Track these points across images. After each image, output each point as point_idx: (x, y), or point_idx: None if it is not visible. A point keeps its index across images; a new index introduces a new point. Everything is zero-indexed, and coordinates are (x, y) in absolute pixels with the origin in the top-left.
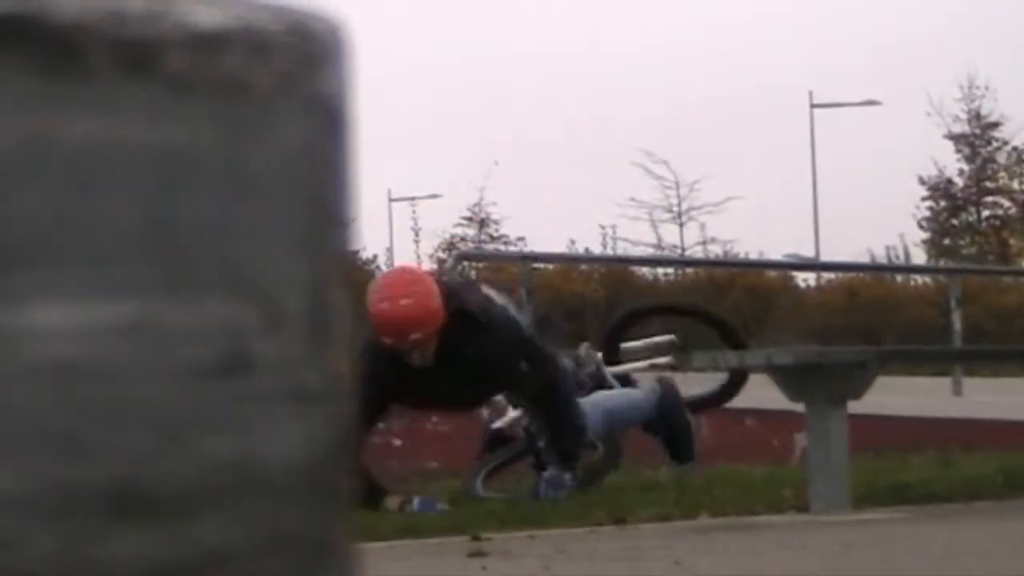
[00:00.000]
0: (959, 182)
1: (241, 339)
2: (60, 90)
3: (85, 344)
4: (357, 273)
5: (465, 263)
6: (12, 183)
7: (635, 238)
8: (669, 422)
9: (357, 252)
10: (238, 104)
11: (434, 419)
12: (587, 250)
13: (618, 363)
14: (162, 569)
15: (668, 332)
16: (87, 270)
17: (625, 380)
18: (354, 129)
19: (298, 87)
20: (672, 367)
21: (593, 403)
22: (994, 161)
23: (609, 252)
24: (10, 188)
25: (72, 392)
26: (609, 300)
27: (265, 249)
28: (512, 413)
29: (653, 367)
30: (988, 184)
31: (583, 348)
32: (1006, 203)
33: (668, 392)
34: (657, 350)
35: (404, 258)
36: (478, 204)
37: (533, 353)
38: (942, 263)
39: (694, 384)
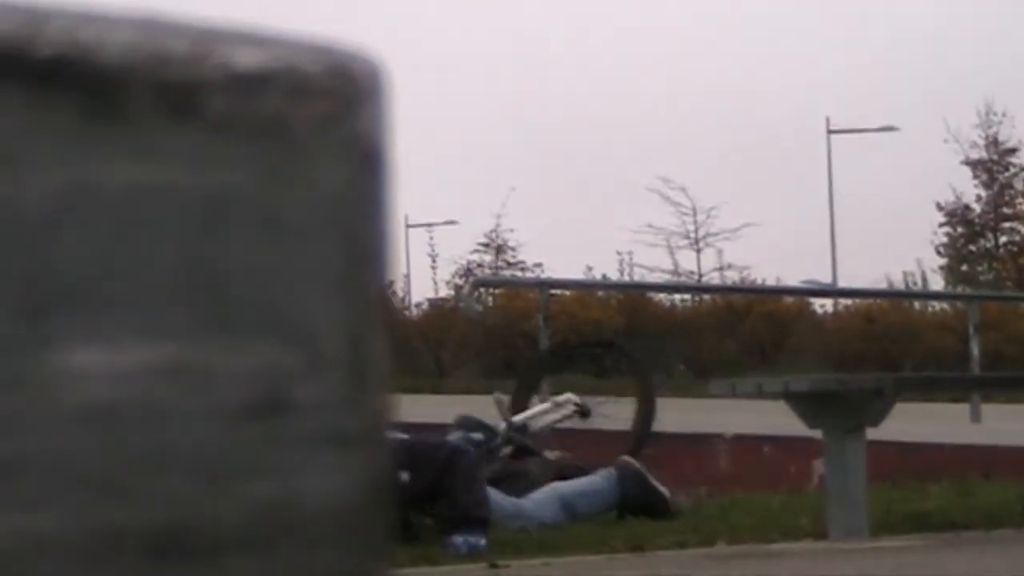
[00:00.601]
0: (976, 208)
1: (280, 382)
2: (103, 134)
3: (125, 387)
4: (394, 314)
5: (482, 289)
6: (55, 228)
7: (652, 264)
8: (641, 499)
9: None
10: (278, 146)
11: None
12: (604, 276)
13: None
14: None
15: (566, 390)
16: (128, 314)
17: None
18: (391, 170)
19: (337, 128)
20: (579, 410)
21: (550, 492)
22: (1011, 187)
23: (626, 278)
24: (53, 233)
25: (112, 435)
26: (627, 327)
27: (304, 291)
28: (542, 406)
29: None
30: (1006, 210)
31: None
32: None
33: (626, 470)
34: (558, 410)
35: (421, 284)
36: (495, 230)
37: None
38: (960, 289)
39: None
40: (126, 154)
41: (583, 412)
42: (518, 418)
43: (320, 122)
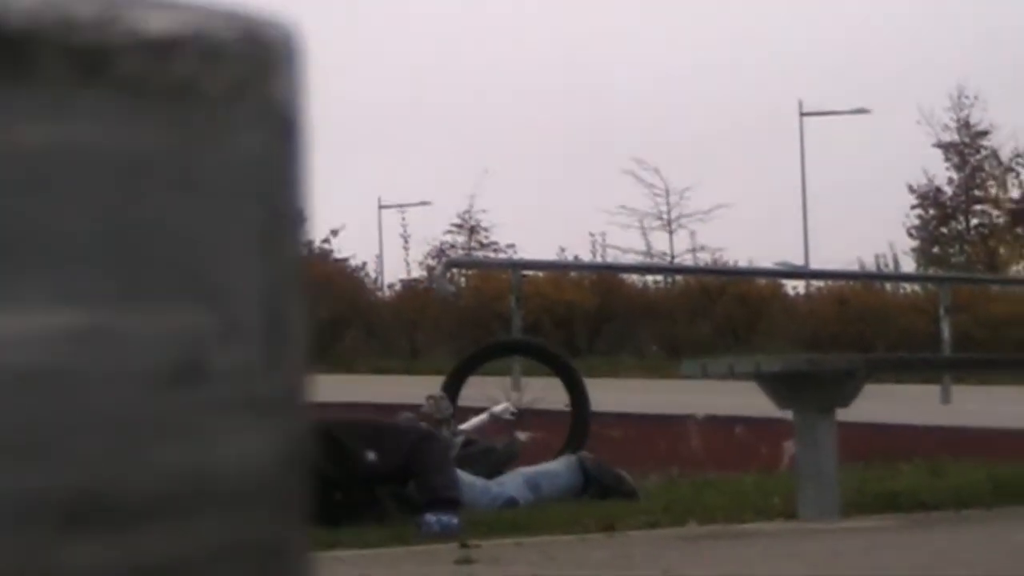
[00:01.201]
0: (948, 191)
1: (196, 347)
2: (11, 95)
3: (38, 352)
4: (310, 277)
5: (455, 270)
6: None
7: (625, 245)
8: (603, 482)
9: (309, 257)
10: (190, 109)
11: None
12: (577, 257)
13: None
14: None
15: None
16: (40, 277)
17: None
18: (307, 136)
19: (250, 93)
20: (513, 415)
21: (515, 474)
22: (982, 170)
23: (599, 260)
24: None
25: (24, 401)
26: (600, 308)
27: (219, 255)
28: (479, 417)
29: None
30: (977, 192)
31: (431, 402)
32: (995, 212)
33: (585, 457)
34: (496, 421)
35: (393, 265)
36: (468, 211)
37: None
38: (931, 271)
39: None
40: (35, 115)
41: (520, 418)
42: (462, 427)
43: (233, 87)
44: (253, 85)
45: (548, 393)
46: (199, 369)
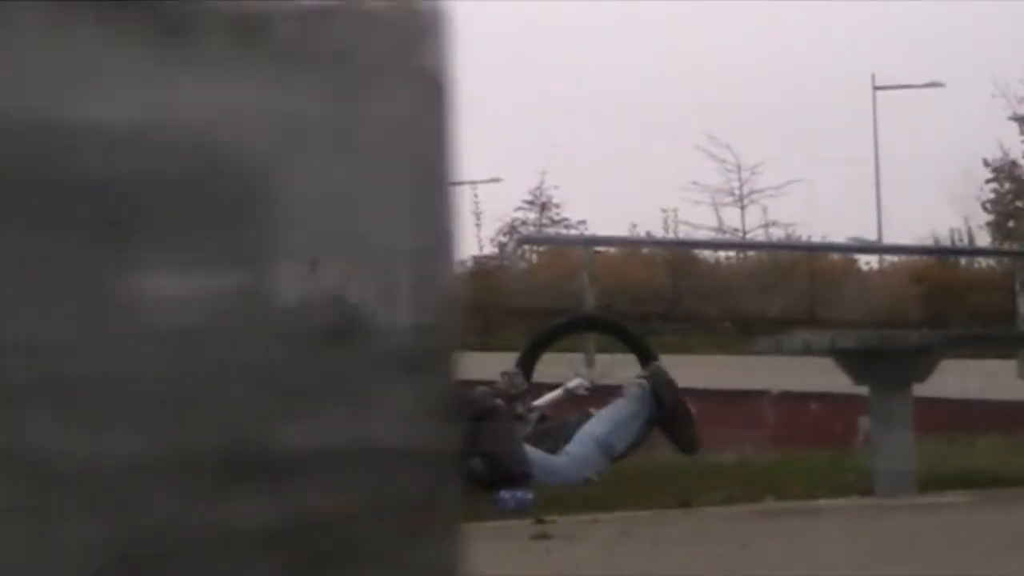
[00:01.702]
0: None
1: (352, 307)
2: (175, 59)
3: (201, 311)
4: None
5: (526, 247)
6: (132, 151)
7: (697, 221)
8: (678, 408)
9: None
10: (345, 75)
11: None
12: (648, 234)
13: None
14: (274, 531)
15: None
16: (203, 238)
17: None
18: (455, 102)
19: (402, 60)
20: (587, 390)
21: (584, 439)
22: None
23: (671, 236)
24: (128, 155)
25: (189, 358)
26: (672, 284)
27: (375, 218)
28: (554, 393)
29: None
30: None
31: (505, 378)
32: None
33: (658, 381)
34: (571, 397)
35: (466, 243)
36: (539, 187)
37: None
38: (1007, 246)
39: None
40: (200, 80)
41: (595, 394)
42: (536, 403)
43: (385, 54)
44: (404, 53)
45: (622, 369)
46: (355, 329)
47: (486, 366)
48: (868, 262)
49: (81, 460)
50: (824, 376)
